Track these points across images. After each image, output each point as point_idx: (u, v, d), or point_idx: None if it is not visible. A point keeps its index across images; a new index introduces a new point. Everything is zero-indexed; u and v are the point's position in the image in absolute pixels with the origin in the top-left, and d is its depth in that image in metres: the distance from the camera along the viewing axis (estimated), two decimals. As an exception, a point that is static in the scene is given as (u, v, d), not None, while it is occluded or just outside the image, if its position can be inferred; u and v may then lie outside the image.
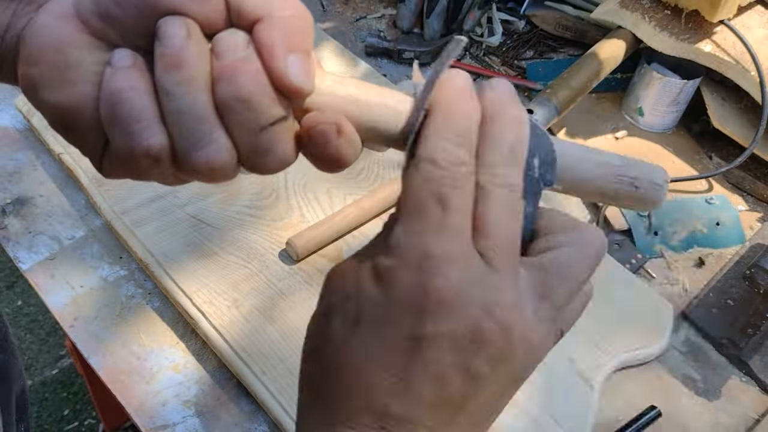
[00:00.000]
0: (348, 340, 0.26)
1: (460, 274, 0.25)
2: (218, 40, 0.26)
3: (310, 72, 0.27)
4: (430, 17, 1.01)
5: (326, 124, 0.27)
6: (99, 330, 0.67)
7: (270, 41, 0.26)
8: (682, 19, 0.87)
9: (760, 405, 0.68)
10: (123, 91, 0.26)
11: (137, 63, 0.26)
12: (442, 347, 0.25)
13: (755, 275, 0.69)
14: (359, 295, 0.26)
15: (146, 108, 0.26)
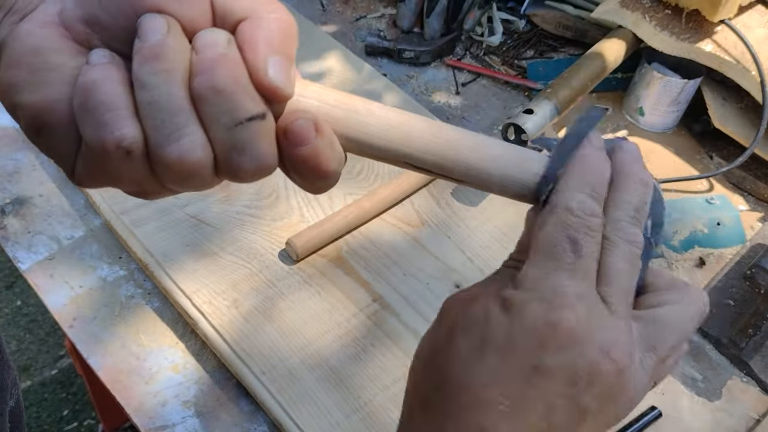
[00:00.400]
0: (472, 361, 0.27)
1: (587, 312, 0.27)
2: (199, 36, 0.26)
3: (290, 76, 0.27)
4: (430, 17, 1.01)
5: (303, 119, 0.28)
6: (98, 330, 0.67)
7: (252, 39, 0.26)
8: (683, 18, 0.87)
9: (760, 405, 0.68)
10: (96, 81, 0.26)
11: (115, 60, 0.26)
12: (559, 379, 0.27)
13: (756, 275, 0.69)
14: (487, 321, 0.28)
15: (119, 97, 0.26)
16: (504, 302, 0.28)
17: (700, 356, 0.71)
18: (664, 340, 0.29)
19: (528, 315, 0.27)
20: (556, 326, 0.26)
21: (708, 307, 0.31)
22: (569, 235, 0.28)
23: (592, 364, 0.27)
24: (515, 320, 0.27)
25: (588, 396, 0.27)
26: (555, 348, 0.26)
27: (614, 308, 0.28)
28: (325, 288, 0.69)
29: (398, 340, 0.66)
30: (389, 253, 0.73)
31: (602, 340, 0.27)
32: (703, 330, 0.73)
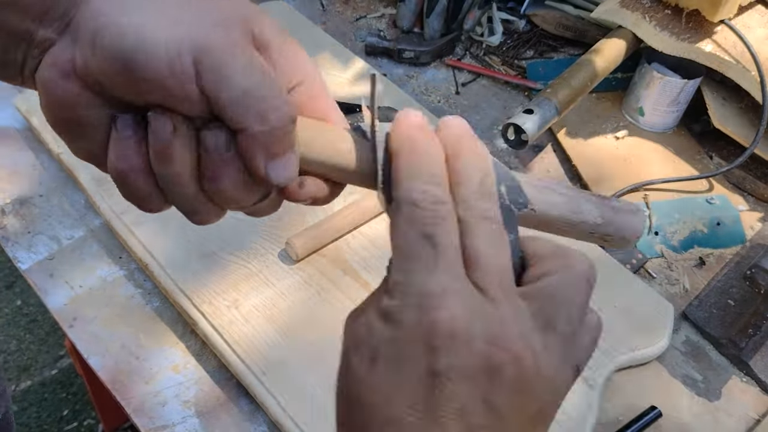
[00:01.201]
0: (367, 377, 0.26)
1: (461, 306, 0.25)
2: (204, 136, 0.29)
3: (291, 169, 0.29)
4: (431, 17, 1.01)
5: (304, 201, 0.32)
6: (98, 330, 0.67)
7: (250, 153, 0.28)
8: (683, 18, 0.87)
9: (760, 405, 0.68)
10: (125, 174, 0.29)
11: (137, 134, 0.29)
12: (458, 380, 0.25)
13: (756, 275, 0.69)
14: (371, 335, 0.27)
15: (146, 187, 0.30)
16: (382, 313, 0.27)
17: (700, 356, 0.71)
18: (557, 313, 0.27)
19: (406, 322, 0.26)
20: (435, 328, 0.25)
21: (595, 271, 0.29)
22: (421, 231, 0.26)
23: (484, 357, 0.25)
24: (396, 330, 0.26)
25: (495, 391, 0.25)
26: (441, 350, 0.25)
27: (491, 294, 0.26)
28: (325, 288, 0.69)
29: (398, 340, 0.65)
30: (389, 253, 0.73)
31: (485, 330, 0.25)
32: (703, 330, 0.73)
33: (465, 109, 0.96)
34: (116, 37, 0.26)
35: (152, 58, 0.26)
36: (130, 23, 0.27)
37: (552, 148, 0.91)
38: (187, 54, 0.26)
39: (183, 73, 0.27)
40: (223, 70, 0.27)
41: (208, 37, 0.27)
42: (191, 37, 0.27)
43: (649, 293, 0.73)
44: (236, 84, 0.27)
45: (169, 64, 0.26)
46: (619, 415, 0.65)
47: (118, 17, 0.27)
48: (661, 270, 0.78)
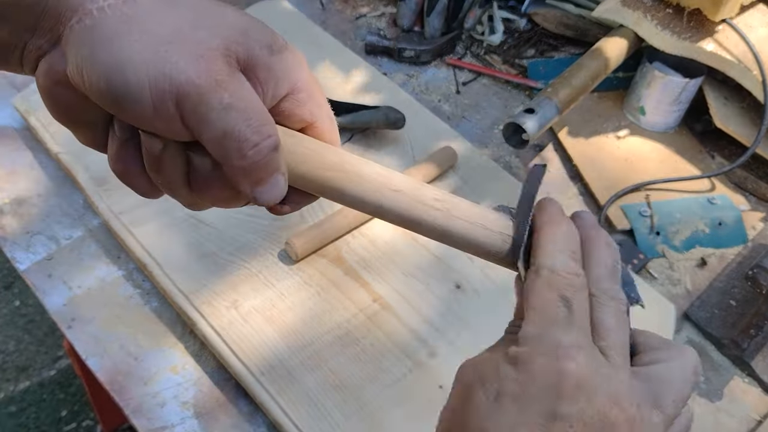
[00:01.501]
0: (491, 411, 0.29)
1: (589, 361, 0.28)
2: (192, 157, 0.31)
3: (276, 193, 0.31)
4: (431, 15, 1.01)
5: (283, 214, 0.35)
6: (97, 331, 0.66)
7: (235, 181, 0.30)
8: (684, 17, 0.87)
9: (762, 406, 0.67)
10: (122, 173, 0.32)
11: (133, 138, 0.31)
12: (577, 426, 0.28)
13: (758, 276, 0.69)
14: (498, 375, 0.29)
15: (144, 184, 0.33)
16: (512, 359, 0.29)
17: (701, 357, 0.71)
18: (665, 396, 0.30)
19: (535, 367, 0.28)
20: (563, 376, 0.28)
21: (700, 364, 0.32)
22: (559, 293, 0.30)
23: (602, 412, 0.28)
24: (525, 373, 0.28)
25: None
26: (565, 396, 0.27)
27: (613, 359, 0.29)
28: (324, 288, 0.69)
29: (398, 341, 0.65)
30: (389, 253, 0.73)
31: (608, 389, 0.28)
32: (705, 330, 0.72)
33: (465, 108, 0.96)
34: (102, 77, 0.27)
35: (137, 102, 0.27)
36: (114, 61, 0.27)
37: (553, 148, 0.91)
38: (170, 99, 0.27)
39: (167, 116, 0.28)
40: (203, 112, 0.28)
41: (189, 78, 0.27)
42: (173, 79, 0.27)
43: (651, 293, 0.72)
44: (215, 126, 0.28)
45: (154, 108, 0.28)
46: (621, 416, 0.65)
47: (101, 53, 0.27)
48: (662, 270, 0.78)
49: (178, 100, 0.27)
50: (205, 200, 0.33)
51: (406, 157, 0.83)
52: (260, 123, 0.29)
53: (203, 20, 0.29)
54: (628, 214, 0.81)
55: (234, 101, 0.28)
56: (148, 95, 0.27)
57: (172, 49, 0.27)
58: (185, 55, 0.27)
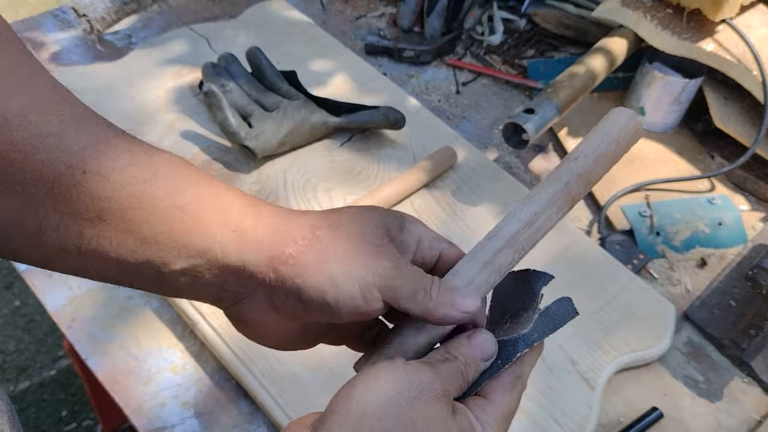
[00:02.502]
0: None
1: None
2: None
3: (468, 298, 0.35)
4: (431, 16, 1.01)
5: None
6: (97, 331, 0.66)
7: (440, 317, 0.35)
8: (684, 18, 0.87)
9: (762, 406, 0.67)
10: None
11: None
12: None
13: (757, 276, 0.69)
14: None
15: None
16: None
17: (701, 357, 0.71)
18: None
19: None
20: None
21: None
22: None
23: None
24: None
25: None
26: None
27: None
28: (325, 288, 0.69)
29: (398, 341, 0.65)
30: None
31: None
32: (705, 331, 0.72)
33: (465, 108, 0.96)
34: (318, 295, 0.33)
35: (351, 299, 0.34)
36: (325, 280, 0.33)
37: (553, 148, 0.91)
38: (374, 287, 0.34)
39: (373, 299, 0.34)
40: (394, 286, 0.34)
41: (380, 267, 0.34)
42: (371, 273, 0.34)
43: (651, 294, 0.72)
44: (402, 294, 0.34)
45: (363, 298, 0.34)
46: (621, 416, 0.65)
47: (313, 278, 0.34)
48: (662, 270, 0.78)
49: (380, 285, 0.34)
50: None
51: (406, 157, 0.83)
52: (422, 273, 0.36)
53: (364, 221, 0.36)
54: (627, 214, 0.81)
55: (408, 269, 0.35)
56: (358, 290, 0.34)
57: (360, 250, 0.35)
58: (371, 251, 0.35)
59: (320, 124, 0.82)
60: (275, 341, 0.38)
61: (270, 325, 0.36)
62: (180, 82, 0.89)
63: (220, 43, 0.95)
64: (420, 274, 0.36)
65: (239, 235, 0.34)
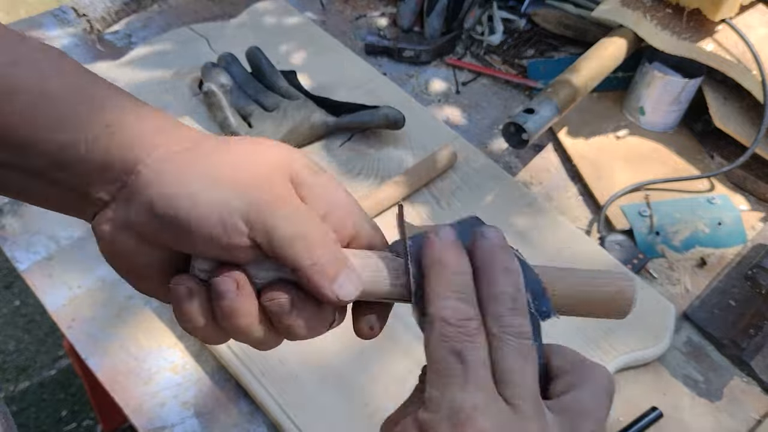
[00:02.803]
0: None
1: (490, 422, 0.27)
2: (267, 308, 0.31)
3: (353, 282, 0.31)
4: (431, 16, 1.01)
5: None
6: (97, 331, 0.66)
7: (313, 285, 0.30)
8: (684, 17, 0.87)
9: (762, 406, 0.67)
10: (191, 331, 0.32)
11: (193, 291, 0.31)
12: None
13: (757, 276, 0.69)
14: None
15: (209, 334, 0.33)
16: (419, 425, 0.28)
17: (701, 357, 0.71)
18: (583, 427, 0.29)
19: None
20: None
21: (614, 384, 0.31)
22: (451, 348, 0.28)
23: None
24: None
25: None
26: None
27: (522, 409, 0.28)
28: (324, 288, 0.69)
29: (398, 341, 0.65)
30: (389, 253, 0.73)
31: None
32: (704, 330, 0.72)
33: (465, 108, 0.96)
34: (170, 208, 0.29)
35: (207, 222, 0.29)
36: (182, 193, 0.29)
37: (553, 148, 0.91)
38: (238, 216, 0.29)
39: (235, 231, 0.29)
40: (270, 223, 0.29)
41: (254, 196, 0.30)
42: (239, 198, 0.29)
43: (650, 293, 0.72)
44: (283, 233, 0.29)
45: (222, 224, 0.29)
46: (620, 416, 0.65)
47: (170, 188, 0.29)
48: (662, 270, 0.78)
49: (246, 215, 0.29)
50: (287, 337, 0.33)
51: (406, 157, 0.83)
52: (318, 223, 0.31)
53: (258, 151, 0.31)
54: (627, 214, 0.81)
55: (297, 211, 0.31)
56: (216, 215, 0.29)
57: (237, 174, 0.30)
58: (250, 179, 0.30)
59: (320, 124, 0.82)
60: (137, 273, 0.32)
61: (129, 249, 0.31)
62: (180, 82, 0.89)
63: (219, 43, 0.95)
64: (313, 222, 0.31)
65: (111, 131, 0.30)
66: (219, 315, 0.31)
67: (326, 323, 0.33)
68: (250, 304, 0.31)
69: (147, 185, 0.29)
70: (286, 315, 0.31)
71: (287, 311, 0.31)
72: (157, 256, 0.31)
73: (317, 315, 0.32)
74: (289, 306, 0.31)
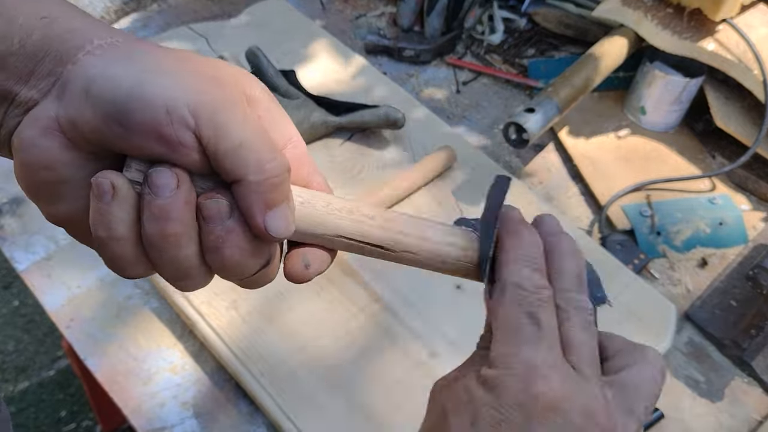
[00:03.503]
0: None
1: (561, 380, 0.28)
2: (204, 206, 0.28)
3: (287, 221, 0.29)
4: (431, 15, 1.01)
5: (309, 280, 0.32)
6: (96, 331, 0.66)
7: (248, 204, 0.28)
8: (685, 17, 0.87)
9: (763, 406, 0.67)
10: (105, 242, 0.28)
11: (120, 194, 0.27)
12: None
13: (758, 276, 0.69)
14: (472, 400, 0.29)
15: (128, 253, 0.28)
16: (484, 382, 0.29)
17: (702, 357, 0.71)
18: (638, 402, 0.30)
19: (508, 390, 0.28)
20: (537, 397, 0.27)
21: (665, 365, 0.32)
22: (526, 310, 0.29)
23: (578, 429, 0.27)
24: (498, 397, 0.28)
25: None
26: (541, 418, 0.27)
27: (585, 375, 0.29)
28: (324, 289, 0.68)
29: (398, 341, 0.65)
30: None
31: (583, 405, 0.28)
32: (705, 331, 0.72)
33: (466, 108, 0.96)
34: (110, 86, 0.26)
35: (149, 105, 0.26)
36: (126, 73, 0.26)
37: (553, 147, 0.90)
38: (184, 104, 0.26)
39: (180, 121, 0.26)
40: (221, 121, 0.27)
41: (204, 90, 0.27)
42: (188, 88, 0.27)
43: (652, 294, 0.72)
44: (233, 135, 0.27)
45: (167, 110, 0.26)
46: (622, 417, 0.65)
47: (112, 68, 0.27)
48: (663, 270, 0.78)
49: (194, 107, 0.26)
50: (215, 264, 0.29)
51: (406, 157, 0.83)
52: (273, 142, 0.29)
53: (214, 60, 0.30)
54: (628, 214, 0.81)
55: (249, 116, 0.28)
56: (161, 99, 0.26)
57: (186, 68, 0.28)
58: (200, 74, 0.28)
59: (320, 124, 0.82)
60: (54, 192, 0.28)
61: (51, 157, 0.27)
62: (179, 81, 0.88)
63: (219, 43, 0.95)
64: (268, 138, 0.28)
65: (49, 22, 0.28)
66: (147, 217, 0.27)
67: (260, 258, 0.30)
68: (185, 209, 0.27)
69: (86, 68, 0.27)
70: (221, 224, 0.28)
71: (225, 216, 0.28)
72: (82, 166, 0.28)
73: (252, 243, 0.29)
74: (228, 212, 0.28)
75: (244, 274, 0.30)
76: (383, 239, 0.33)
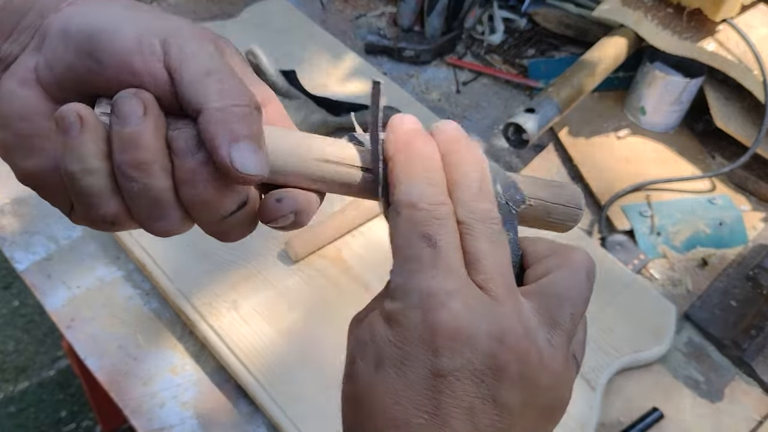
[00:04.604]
0: (373, 381, 0.26)
1: (463, 307, 0.26)
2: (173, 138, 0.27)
3: (257, 157, 0.27)
4: (431, 15, 1.01)
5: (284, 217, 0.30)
6: (96, 331, 0.66)
7: (210, 136, 0.26)
8: (685, 17, 0.87)
9: (762, 407, 0.67)
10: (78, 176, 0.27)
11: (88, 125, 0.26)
12: (464, 380, 0.25)
13: (758, 276, 0.69)
14: (374, 339, 0.27)
15: (101, 186, 0.27)
16: (386, 317, 0.27)
17: (702, 357, 0.71)
18: (563, 310, 0.27)
19: (408, 324, 0.26)
20: (437, 328, 0.25)
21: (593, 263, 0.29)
22: (420, 232, 0.27)
23: (488, 356, 0.25)
24: (399, 332, 0.26)
25: (502, 390, 0.26)
26: (445, 350, 0.25)
27: (495, 293, 0.26)
28: (324, 288, 0.68)
29: (398, 341, 0.65)
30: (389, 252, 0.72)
31: (490, 329, 0.26)
32: (705, 331, 0.72)
33: (466, 108, 0.96)
34: (85, 21, 0.27)
35: (121, 36, 0.27)
36: (103, 11, 0.28)
37: (553, 148, 0.90)
38: (155, 35, 0.27)
39: (151, 51, 0.27)
40: (189, 51, 0.27)
41: (176, 26, 0.28)
42: (161, 25, 0.28)
43: (651, 294, 0.72)
44: (200, 64, 0.27)
45: (138, 41, 0.27)
46: (621, 417, 0.65)
47: (90, 8, 0.28)
48: (663, 271, 0.78)
49: (165, 38, 0.27)
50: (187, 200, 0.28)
51: (406, 157, 0.83)
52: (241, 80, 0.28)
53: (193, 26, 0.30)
54: (628, 214, 0.81)
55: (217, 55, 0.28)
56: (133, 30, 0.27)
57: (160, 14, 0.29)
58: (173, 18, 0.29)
59: (320, 124, 0.82)
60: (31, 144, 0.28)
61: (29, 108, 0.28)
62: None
63: (219, 43, 0.95)
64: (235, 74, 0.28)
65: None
66: (117, 147, 0.26)
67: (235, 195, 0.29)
68: (155, 136, 0.27)
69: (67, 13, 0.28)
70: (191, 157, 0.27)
71: (193, 149, 0.27)
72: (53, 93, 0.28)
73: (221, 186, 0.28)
74: (195, 143, 0.27)
75: (219, 213, 0.29)
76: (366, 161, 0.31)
